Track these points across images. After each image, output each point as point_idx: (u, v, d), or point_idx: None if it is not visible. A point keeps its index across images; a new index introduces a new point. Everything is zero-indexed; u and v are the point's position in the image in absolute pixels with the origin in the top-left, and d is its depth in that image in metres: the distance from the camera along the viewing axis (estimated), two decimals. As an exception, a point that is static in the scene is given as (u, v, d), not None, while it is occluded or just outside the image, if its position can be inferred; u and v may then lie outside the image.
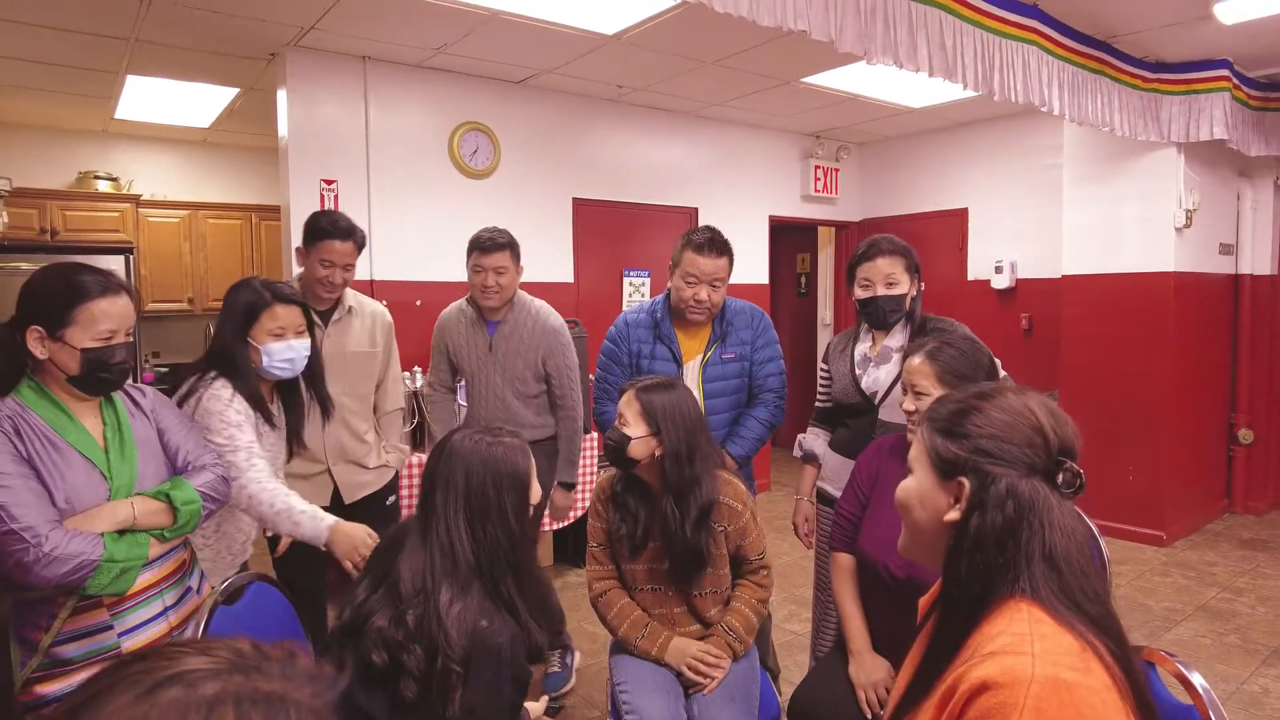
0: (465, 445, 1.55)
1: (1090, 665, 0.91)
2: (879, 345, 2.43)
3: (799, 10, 2.60)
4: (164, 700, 0.55)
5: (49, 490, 1.54)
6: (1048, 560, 0.98)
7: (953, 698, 0.94)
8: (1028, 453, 1.04)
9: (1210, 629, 3.61)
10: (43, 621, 1.56)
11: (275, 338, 2.08)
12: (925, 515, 1.10)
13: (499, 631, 1.45)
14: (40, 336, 1.59)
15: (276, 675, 0.60)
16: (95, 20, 3.67)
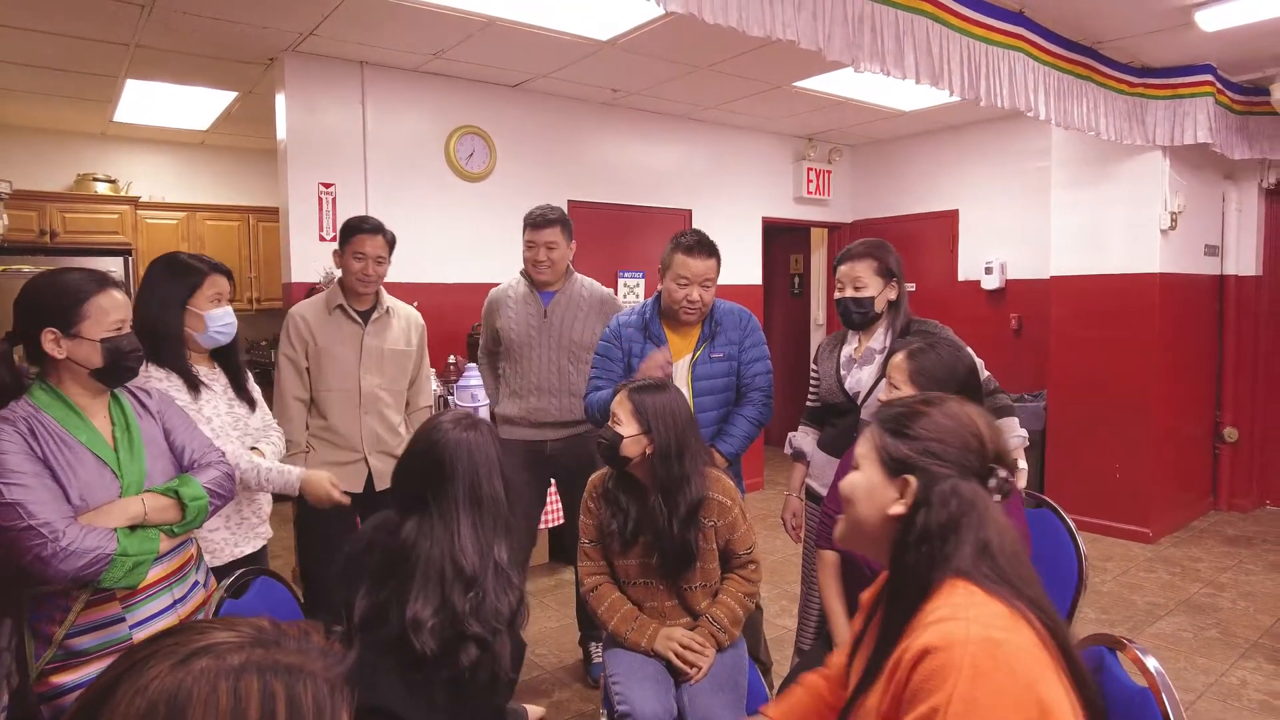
0: (455, 435, 1.65)
1: (1019, 626, 1.01)
2: (864, 347, 2.50)
3: (787, 20, 2.67)
4: (196, 669, 0.62)
5: (63, 488, 1.60)
6: (983, 549, 1.07)
7: (899, 669, 1.02)
8: (967, 456, 1.14)
9: (1192, 623, 3.69)
10: (56, 615, 1.62)
11: (215, 303, 2.18)
12: (871, 509, 1.18)
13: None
14: (56, 337, 1.66)
15: (294, 649, 0.67)
16: (97, 26, 3.73)
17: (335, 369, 2.84)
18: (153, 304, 2.12)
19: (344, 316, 2.88)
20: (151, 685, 0.61)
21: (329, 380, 2.84)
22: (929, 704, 0.96)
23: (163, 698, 0.60)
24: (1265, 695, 3.03)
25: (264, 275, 6.28)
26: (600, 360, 2.73)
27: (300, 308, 2.91)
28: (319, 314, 2.87)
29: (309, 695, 0.64)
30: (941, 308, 6.18)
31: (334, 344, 2.85)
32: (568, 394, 2.99)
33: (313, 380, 2.86)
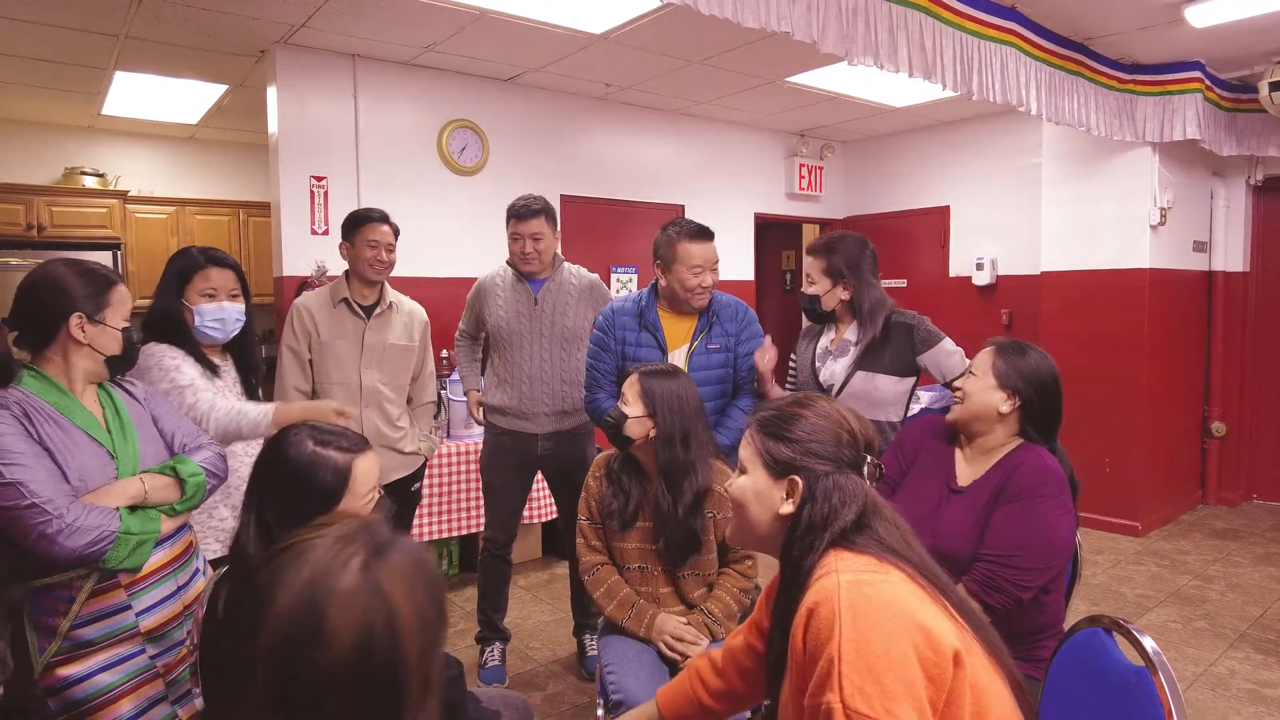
0: (287, 444, 1.48)
1: (888, 571, 1.11)
2: (839, 339, 2.52)
3: (782, 12, 2.68)
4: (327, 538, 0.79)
5: (62, 469, 1.60)
6: (857, 524, 1.18)
7: (794, 644, 1.10)
8: (842, 451, 1.24)
9: (1181, 614, 3.72)
10: (60, 606, 1.61)
11: (207, 298, 2.20)
12: (761, 509, 1.26)
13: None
14: (81, 322, 1.70)
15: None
16: (86, 17, 3.70)
17: (336, 362, 2.85)
18: (159, 295, 2.23)
19: (347, 310, 2.88)
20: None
21: (330, 373, 2.85)
22: (825, 657, 1.02)
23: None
24: (1254, 684, 3.06)
25: (254, 270, 6.22)
26: (595, 351, 2.72)
27: (305, 299, 2.92)
28: (324, 306, 2.88)
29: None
30: (933, 303, 6.22)
31: (336, 337, 2.86)
32: (559, 381, 2.99)
33: (315, 372, 2.88)
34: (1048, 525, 1.76)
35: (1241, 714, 2.86)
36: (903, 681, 0.98)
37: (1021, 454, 1.89)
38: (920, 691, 0.99)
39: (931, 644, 1.02)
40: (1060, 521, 1.78)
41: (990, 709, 1.04)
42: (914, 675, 0.99)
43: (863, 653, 1.00)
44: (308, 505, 1.42)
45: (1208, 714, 2.85)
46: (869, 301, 2.44)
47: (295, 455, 1.45)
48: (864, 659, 1.00)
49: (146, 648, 1.73)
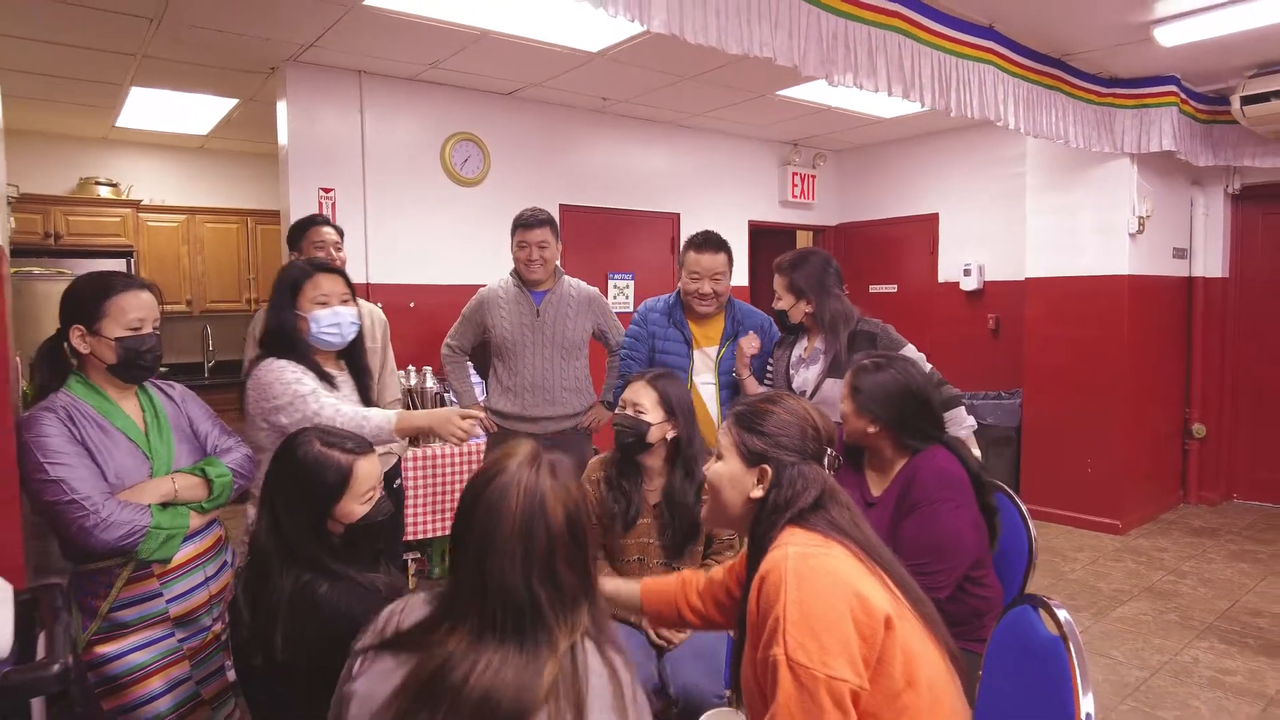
0: (296, 446, 1.62)
1: (831, 546, 1.30)
2: (811, 347, 2.69)
3: (764, 39, 2.85)
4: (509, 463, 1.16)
5: (100, 468, 1.76)
6: (814, 506, 1.36)
7: (750, 607, 1.28)
8: (807, 444, 1.42)
9: (1153, 607, 3.89)
10: (100, 590, 1.79)
11: (320, 305, 2.20)
12: (735, 494, 1.44)
13: (339, 595, 1.55)
14: (82, 334, 1.83)
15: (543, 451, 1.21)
16: (106, 38, 3.88)
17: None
18: (273, 309, 2.22)
19: None
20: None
21: None
22: (772, 617, 1.19)
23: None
24: (1215, 672, 3.22)
25: (262, 276, 6.42)
26: (631, 344, 3.02)
27: (264, 311, 3.04)
28: None
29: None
30: (922, 309, 6.39)
31: None
32: (560, 389, 3.16)
33: None
34: (948, 527, 1.90)
35: (1200, 699, 3.02)
36: (838, 639, 1.15)
37: (917, 461, 2.02)
38: (854, 648, 1.15)
39: (865, 608, 1.18)
40: (958, 521, 1.92)
41: (920, 669, 1.20)
42: (848, 634, 1.16)
43: (804, 613, 1.17)
44: (312, 501, 1.59)
45: (1167, 699, 3.02)
46: (830, 314, 2.61)
47: (303, 455, 1.61)
48: (805, 619, 1.16)
49: (175, 631, 1.90)
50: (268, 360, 2.15)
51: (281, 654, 1.51)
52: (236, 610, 1.62)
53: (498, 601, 1.09)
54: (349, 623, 1.37)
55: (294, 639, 1.51)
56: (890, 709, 1.18)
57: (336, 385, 2.25)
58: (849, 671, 1.14)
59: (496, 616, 1.09)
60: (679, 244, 5.99)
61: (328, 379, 2.21)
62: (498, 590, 1.09)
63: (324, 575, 1.56)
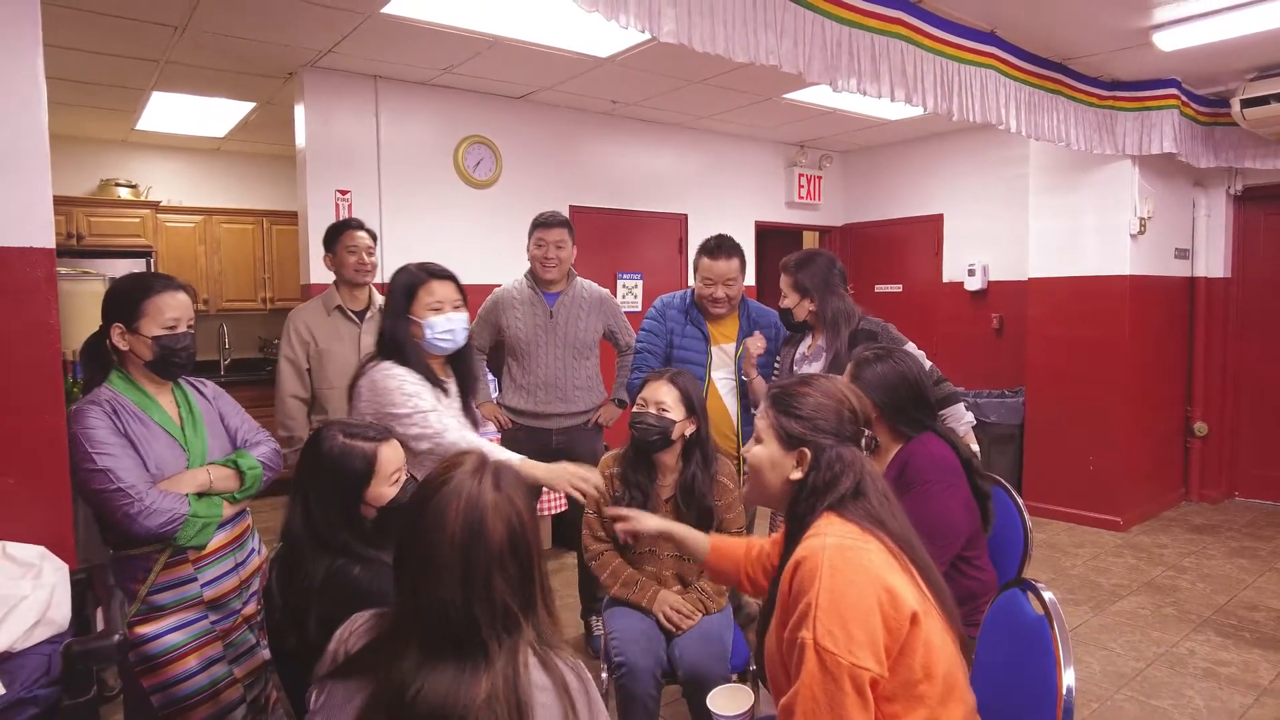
0: (318, 440, 1.71)
1: (869, 540, 1.33)
2: (814, 345, 2.79)
3: (770, 47, 2.94)
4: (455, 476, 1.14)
5: (142, 459, 1.87)
6: (855, 492, 1.39)
7: (782, 586, 1.33)
8: (844, 426, 1.44)
9: (1151, 601, 3.96)
10: (140, 574, 1.90)
11: (434, 311, 2.22)
12: (775, 476, 1.47)
13: (372, 576, 1.62)
14: (121, 331, 1.94)
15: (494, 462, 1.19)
16: (131, 45, 4.00)
17: (335, 367, 3.06)
18: (387, 314, 2.25)
19: (341, 317, 3.13)
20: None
21: (330, 378, 3.07)
22: (804, 602, 1.25)
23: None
24: (1210, 664, 3.30)
25: (277, 276, 6.54)
26: (647, 337, 3.12)
27: (299, 312, 3.16)
28: (318, 316, 3.13)
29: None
30: (927, 308, 6.47)
31: (333, 343, 3.09)
32: (572, 388, 3.26)
33: (314, 379, 3.10)
34: (939, 507, 1.98)
35: (1194, 689, 3.10)
36: (865, 630, 1.21)
37: (911, 447, 2.10)
38: (879, 639, 1.22)
39: (894, 603, 1.24)
40: (950, 501, 2.00)
41: (938, 662, 1.27)
42: (875, 626, 1.22)
43: (835, 602, 1.22)
44: (342, 489, 1.69)
45: (1163, 689, 3.10)
46: (831, 313, 2.70)
47: (329, 448, 1.70)
48: (836, 608, 1.22)
49: (209, 614, 2.01)
50: (385, 364, 2.17)
51: (315, 636, 1.60)
52: (270, 595, 1.72)
53: (437, 619, 1.08)
54: (381, 603, 1.43)
55: (328, 621, 1.61)
56: (906, 696, 1.25)
57: (448, 392, 2.27)
58: (871, 661, 1.20)
59: (436, 633, 1.08)
60: (687, 244, 6.10)
61: (440, 385, 2.24)
62: (437, 608, 1.08)
63: (355, 560, 1.66)
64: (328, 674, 1.17)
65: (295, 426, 3.06)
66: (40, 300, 1.69)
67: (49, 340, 1.70)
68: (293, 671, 1.73)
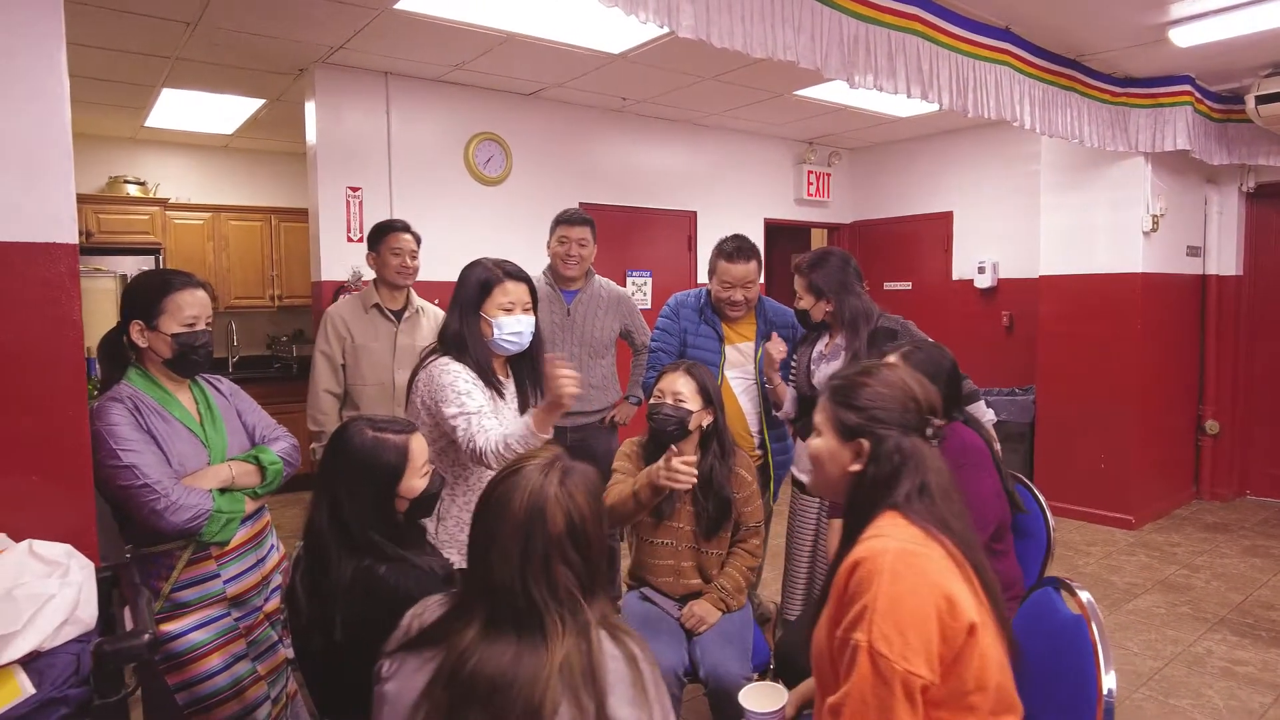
0: (345, 435, 1.69)
1: (930, 544, 1.29)
2: (832, 344, 2.77)
3: (787, 43, 2.92)
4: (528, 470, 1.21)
5: (165, 455, 1.86)
6: (920, 489, 1.35)
7: (838, 582, 1.30)
8: (906, 416, 1.40)
9: (1166, 600, 3.95)
10: (162, 572, 1.89)
11: (505, 312, 2.17)
12: (834, 467, 1.45)
13: (398, 576, 1.62)
14: (141, 328, 1.94)
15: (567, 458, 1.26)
16: (143, 42, 3.98)
17: (370, 364, 3.07)
18: (457, 308, 2.19)
19: (379, 315, 3.13)
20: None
21: (364, 375, 3.07)
22: (861, 603, 1.23)
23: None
24: (1227, 663, 3.29)
25: (285, 273, 6.53)
26: (661, 335, 3.12)
27: (338, 308, 3.16)
28: (355, 313, 3.13)
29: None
30: (936, 306, 6.45)
31: (369, 341, 3.09)
32: (588, 386, 3.24)
33: (348, 375, 3.10)
34: (969, 489, 1.97)
35: (1214, 688, 3.09)
36: (921, 637, 1.19)
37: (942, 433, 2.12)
38: (933, 648, 1.20)
39: (953, 612, 1.21)
40: (979, 485, 2.01)
41: (992, 674, 1.25)
42: (931, 634, 1.20)
43: (894, 608, 1.20)
44: (375, 483, 1.67)
45: (1181, 688, 3.09)
46: (850, 312, 2.68)
47: (360, 443, 1.68)
48: (894, 613, 1.19)
49: (231, 611, 2.00)
50: (445, 359, 2.14)
51: (341, 636, 1.59)
52: (294, 595, 1.71)
53: (499, 596, 1.16)
54: (408, 603, 1.43)
55: (354, 621, 1.60)
56: (956, 704, 1.23)
57: (503, 394, 2.23)
58: (925, 669, 1.18)
59: (499, 610, 1.16)
60: (696, 242, 6.08)
61: (496, 386, 2.21)
62: (499, 587, 1.16)
63: (382, 559, 1.64)
64: (400, 646, 1.24)
65: (326, 421, 3.05)
66: (64, 296, 1.67)
67: (73, 337, 1.69)
68: (314, 670, 1.73)
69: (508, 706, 1.10)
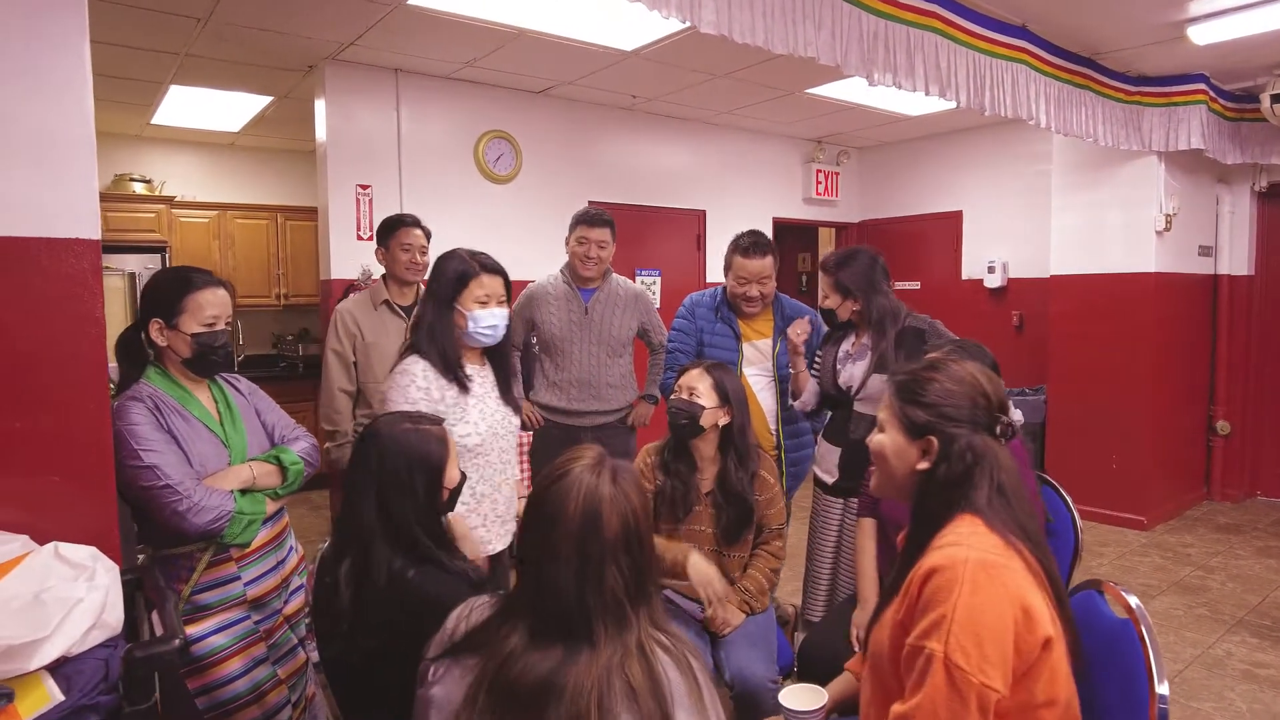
0: (385, 430, 1.66)
1: (1010, 555, 1.24)
2: (858, 343, 2.74)
3: (808, 39, 2.89)
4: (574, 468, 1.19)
5: (186, 455, 1.83)
6: (997, 491, 1.30)
7: (912, 584, 1.26)
8: (977, 413, 1.35)
9: (1183, 602, 3.92)
10: (182, 574, 1.86)
11: (480, 305, 2.19)
12: (900, 465, 1.39)
13: (427, 581, 1.59)
14: (160, 327, 1.90)
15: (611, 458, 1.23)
16: (152, 37, 3.95)
17: (381, 361, 3.01)
18: (431, 299, 2.20)
19: (389, 312, 3.10)
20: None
21: (375, 372, 3.02)
22: (938, 612, 1.19)
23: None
24: (1248, 665, 3.26)
25: (291, 272, 6.50)
26: (677, 336, 3.10)
27: (347, 304, 3.12)
28: (365, 310, 3.09)
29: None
30: (945, 306, 6.42)
31: (380, 338, 3.05)
32: (605, 385, 3.22)
33: (360, 373, 3.06)
34: None
35: (1235, 691, 3.06)
36: (999, 651, 1.15)
37: None
38: (1009, 661, 1.16)
39: (1029, 625, 1.18)
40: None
41: (1062, 690, 1.22)
42: (1008, 647, 1.16)
43: (973, 619, 1.16)
44: (427, 472, 1.64)
45: (1202, 691, 3.06)
46: (877, 312, 2.63)
47: (405, 437, 1.64)
48: (973, 625, 1.16)
49: (251, 614, 1.96)
50: (408, 362, 2.16)
51: (370, 639, 1.56)
52: (321, 597, 1.68)
53: (550, 604, 1.13)
54: (439, 608, 1.40)
55: (383, 625, 1.57)
56: (1024, 717, 1.20)
57: (469, 388, 2.22)
58: (1000, 683, 1.15)
59: (546, 617, 1.13)
60: (705, 241, 6.05)
61: (461, 380, 2.20)
62: (550, 594, 1.13)
63: (414, 561, 1.61)
64: (445, 651, 1.21)
65: (341, 421, 3.02)
66: (87, 293, 1.64)
67: (95, 334, 1.66)
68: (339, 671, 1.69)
69: (551, 715, 1.07)
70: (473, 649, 1.18)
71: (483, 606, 1.27)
